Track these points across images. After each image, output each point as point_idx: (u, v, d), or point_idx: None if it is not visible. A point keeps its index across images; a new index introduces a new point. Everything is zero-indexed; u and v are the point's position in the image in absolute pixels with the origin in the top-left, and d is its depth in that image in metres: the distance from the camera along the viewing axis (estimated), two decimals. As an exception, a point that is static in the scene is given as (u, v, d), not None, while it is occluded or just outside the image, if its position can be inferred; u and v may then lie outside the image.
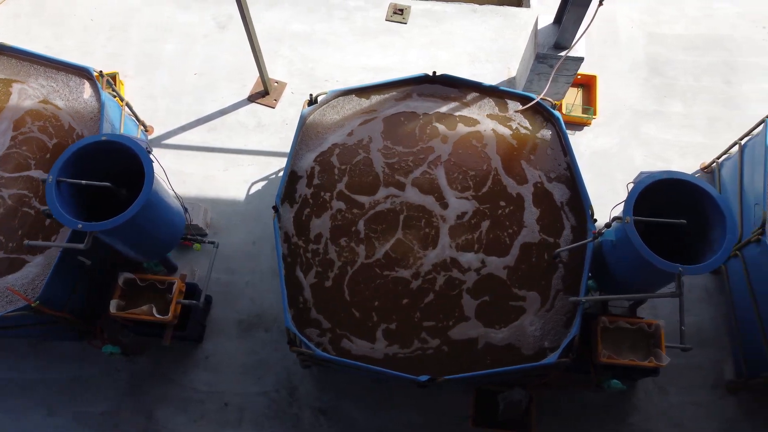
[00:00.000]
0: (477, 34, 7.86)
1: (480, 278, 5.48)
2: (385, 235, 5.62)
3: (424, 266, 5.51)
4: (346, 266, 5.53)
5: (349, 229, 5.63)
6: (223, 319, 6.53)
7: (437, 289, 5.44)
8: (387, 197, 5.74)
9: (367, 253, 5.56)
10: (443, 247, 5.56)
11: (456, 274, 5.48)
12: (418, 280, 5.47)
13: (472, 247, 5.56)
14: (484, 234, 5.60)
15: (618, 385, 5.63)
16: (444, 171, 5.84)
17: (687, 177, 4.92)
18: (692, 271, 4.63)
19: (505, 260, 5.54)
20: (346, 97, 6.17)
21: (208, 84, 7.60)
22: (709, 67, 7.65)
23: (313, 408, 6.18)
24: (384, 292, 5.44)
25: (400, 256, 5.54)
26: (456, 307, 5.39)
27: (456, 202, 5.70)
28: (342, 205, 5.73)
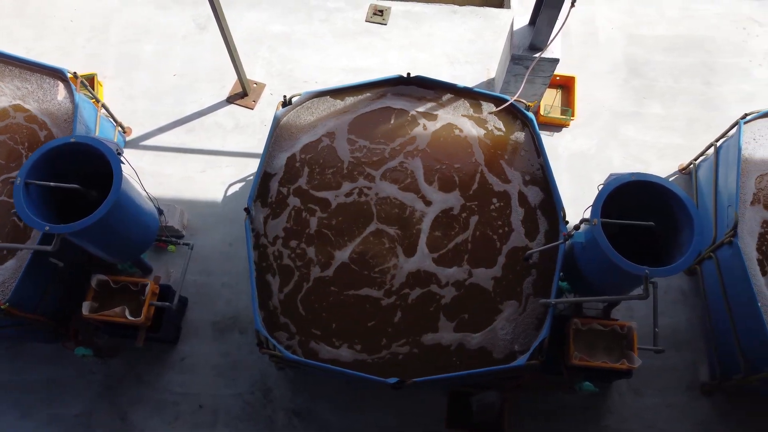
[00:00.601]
0: (457, 36, 7.85)
1: (455, 282, 5.47)
2: (359, 236, 5.61)
3: (399, 268, 5.50)
4: (319, 267, 5.52)
5: (323, 231, 5.61)
6: (199, 321, 6.52)
7: (412, 292, 5.43)
8: (362, 198, 5.73)
9: (341, 254, 5.55)
10: (420, 250, 5.55)
11: (431, 280, 5.47)
12: (393, 283, 5.45)
13: (446, 248, 5.55)
14: (457, 235, 5.59)
15: (590, 387, 5.63)
16: (419, 172, 5.82)
17: (655, 179, 4.91)
18: (658, 273, 4.61)
19: (480, 262, 5.53)
20: (321, 99, 6.16)
21: (187, 85, 7.59)
22: (689, 69, 7.64)
23: (287, 410, 6.17)
24: (357, 294, 5.42)
25: (374, 258, 5.53)
26: (428, 312, 5.37)
27: (430, 203, 5.68)
28: (316, 207, 5.72)
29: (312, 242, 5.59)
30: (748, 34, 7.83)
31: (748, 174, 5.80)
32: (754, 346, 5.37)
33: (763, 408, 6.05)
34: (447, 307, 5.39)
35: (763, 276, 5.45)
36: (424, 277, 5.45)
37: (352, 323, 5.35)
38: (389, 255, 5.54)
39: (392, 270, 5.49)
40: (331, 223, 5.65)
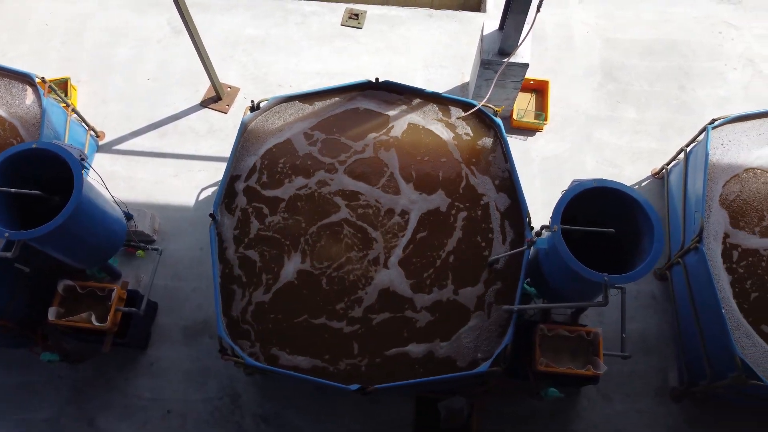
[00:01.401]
0: (432, 39, 7.84)
1: (419, 288, 5.46)
2: (326, 241, 5.59)
3: (366, 274, 5.48)
4: (285, 273, 5.50)
5: (289, 237, 5.60)
6: (169, 326, 6.51)
7: (379, 299, 5.42)
8: (329, 203, 5.71)
9: (308, 261, 5.53)
10: (383, 253, 5.54)
11: (394, 285, 5.46)
12: (361, 292, 5.44)
13: (409, 248, 5.54)
14: (421, 239, 5.57)
15: (555, 393, 5.61)
16: (388, 175, 5.81)
17: (617, 185, 4.90)
18: (617, 280, 4.60)
19: (445, 268, 5.52)
20: (290, 104, 6.15)
21: (161, 89, 7.58)
22: (664, 72, 7.63)
23: (255, 415, 6.16)
24: (322, 300, 5.41)
25: (342, 264, 5.52)
26: (394, 319, 5.36)
27: (396, 204, 5.67)
28: (283, 212, 5.71)
29: (278, 247, 5.57)
30: (724, 38, 7.82)
31: (715, 179, 5.79)
32: (719, 352, 5.36)
33: (730, 414, 6.03)
34: (412, 312, 5.37)
35: (728, 282, 5.43)
36: (389, 284, 5.44)
37: (317, 330, 5.33)
38: (357, 260, 5.52)
39: (359, 275, 5.47)
40: (298, 228, 5.63)
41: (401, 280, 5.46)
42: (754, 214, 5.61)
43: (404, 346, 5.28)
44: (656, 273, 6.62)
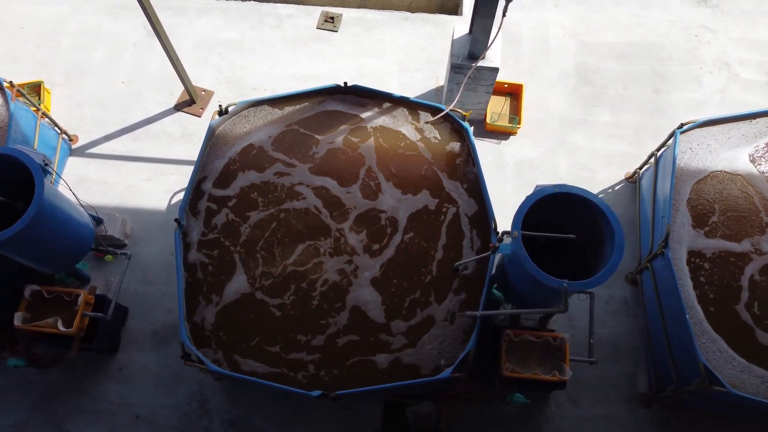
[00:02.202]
0: (407, 42, 7.83)
1: (383, 292, 5.45)
2: (292, 247, 5.58)
3: (332, 279, 5.47)
4: (250, 279, 5.49)
5: (256, 242, 5.58)
6: (139, 331, 6.50)
7: (344, 304, 5.40)
8: (295, 207, 5.70)
9: (273, 265, 5.52)
10: (350, 258, 5.52)
11: (362, 290, 5.44)
12: (326, 297, 5.42)
13: (377, 254, 5.52)
14: (390, 242, 5.56)
15: (521, 399, 5.60)
16: (355, 177, 5.79)
17: (578, 191, 4.88)
18: (576, 287, 4.59)
19: (410, 273, 5.50)
20: (259, 108, 6.13)
21: (135, 92, 7.56)
22: (639, 76, 7.62)
23: (223, 420, 6.14)
24: (288, 306, 5.40)
25: (308, 270, 5.50)
26: (360, 324, 5.34)
27: (363, 207, 5.65)
28: (250, 218, 5.69)
29: (246, 252, 5.56)
30: (700, 42, 7.80)
31: (683, 183, 5.78)
32: (684, 358, 5.35)
33: (699, 420, 6.02)
34: (377, 317, 5.36)
35: (693, 287, 5.42)
36: (356, 292, 5.42)
37: (281, 336, 5.32)
38: (324, 265, 5.50)
39: (326, 280, 5.46)
40: (266, 232, 5.62)
41: (368, 284, 5.44)
42: (720, 218, 5.59)
43: (368, 351, 5.27)
44: (628, 278, 6.61)
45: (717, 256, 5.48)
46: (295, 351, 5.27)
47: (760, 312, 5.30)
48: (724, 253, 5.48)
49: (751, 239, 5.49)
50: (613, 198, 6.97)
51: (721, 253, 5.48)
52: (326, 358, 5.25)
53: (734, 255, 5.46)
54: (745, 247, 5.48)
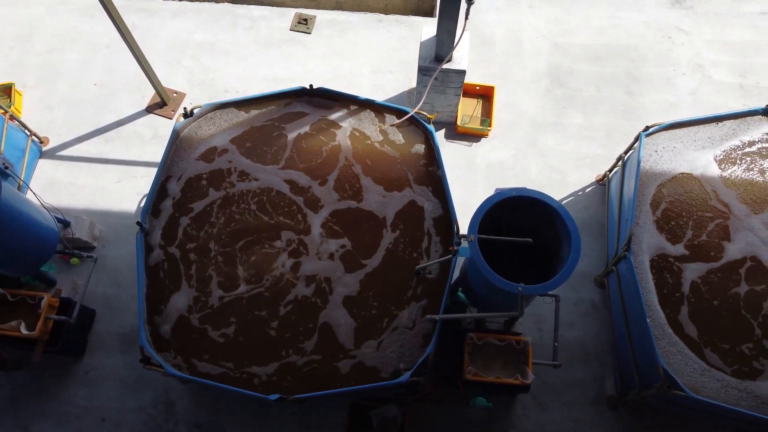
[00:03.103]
0: (381, 44, 7.81)
1: (347, 298, 5.43)
2: (255, 250, 5.55)
3: (292, 283, 5.45)
4: (212, 284, 5.47)
5: (217, 246, 5.56)
6: (107, 333, 6.49)
7: (303, 308, 5.39)
8: (259, 207, 5.68)
9: (237, 270, 5.50)
10: (311, 261, 5.50)
11: (322, 293, 5.42)
12: (287, 299, 5.40)
13: (338, 257, 5.51)
14: (350, 247, 5.54)
15: (483, 403, 5.59)
16: (319, 180, 5.77)
17: (535, 194, 4.88)
18: (531, 291, 4.58)
19: (373, 276, 5.49)
20: (225, 110, 6.12)
21: (107, 94, 7.55)
22: (612, 78, 7.60)
23: (189, 423, 6.13)
24: (249, 309, 5.38)
25: (269, 273, 5.48)
26: (320, 330, 5.32)
27: (323, 208, 5.63)
28: (213, 221, 5.67)
29: (207, 256, 5.54)
30: (674, 43, 7.79)
31: (648, 186, 5.76)
32: (646, 361, 5.33)
33: (665, 423, 6.01)
34: (338, 319, 5.34)
35: (655, 290, 5.40)
36: (317, 291, 5.41)
37: (242, 339, 5.30)
38: (285, 269, 5.48)
39: (288, 282, 5.44)
40: (228, 236, 5.60)
41: (333, 287, 5.42)
42: (682, 221, 5.58)
43: (329, 355, 5.25)
44: (596, 280, 6.60)
45: (679, 259, 5.46)
46: (256, 355, 5.26)
47: (722, 315, 5.28)
48: (686, 256, 5.46)
49: (712, 242, 5.48)
50: (584, 200, 6.96)
51: (683, 256, 5.47)
52: (287, 362, 5.23)
53: (696, 258, 5.44)
54: (707, 250, 5.46)
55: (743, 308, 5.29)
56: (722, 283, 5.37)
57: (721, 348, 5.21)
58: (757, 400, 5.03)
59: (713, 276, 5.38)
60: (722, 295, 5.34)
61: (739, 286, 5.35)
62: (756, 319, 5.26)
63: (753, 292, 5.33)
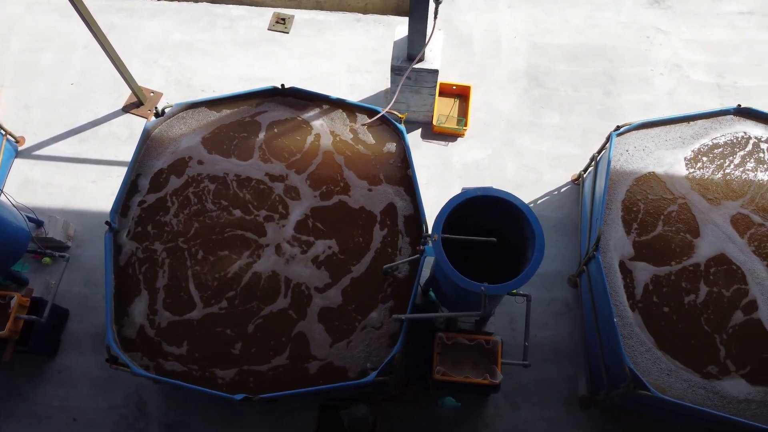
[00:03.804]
0: (359, 44, 7.81)
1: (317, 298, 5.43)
2: (224, 250, 5.54)
3: (263, 283, 5.44)
4: (179, 283, 5.46)
5: (187, 245, 5.56)
6: (80, 333, 6.48)
7: (274, 311, 5.38)
8: (229, 206, 5.67)
9: (205, 270, 5.49)
10: (281, 260, 5.49)
11: (296, 295, 5.41)
12: (256, 301, 5.40)
13: (312, 261, 5.50)
14: (321, 245, 5.53)
15: (452, 402, 5.59)
16: (292, 179, 5.77)
17: (500, 194, 4.87)
18: (494, 290, 4.56)
19: (343, 275, 5.48)
20: (196, 110, 6.11)
21: (84, 94, 7.55)
22: (589, 78, 7.60)
23: (161, 423, 6.13)
24: (217, 309, 5.37)
25: (238, 273, 5.47)
26: (289, 330, 5.32)
27: (297, 209, 5.62)
28: (183, 220, 5.66)
29: (176, 256, 5.53)
30: (652, 43, 7.78)
31: (618, 186, 5.75)
32: (614, 360, 5.32)
33: (636, 422, 6.00)
34: (307, 320, 5.34)
35: (624, 290, 5.40)
36: (287, 291, 5.40)
37: (210, 339, 5.29)
38: (255, 268, 5.47)
39: (257, 282, 5.43)
40: (197, 236, 5.59)
41: (303, 286, 5.41)
42: (652, 220, 5.57)
43: (297, 354, 5.24)
44: (570, 280, 6.59)
45: (648, 258, 5.45)
46: (223, 355, 5.25)
47: (690, 315, 5.28)
48: (655, 255, 5.45)
49: (680, 242, 5.47)
50: (559, 200, 6.96)
51: (652, 255, 5.46)
52: (254, 362, 5.22)
53: (664, 258, 5.44)
54: (676, 248, 5.46)
55: (711, 307, 5.29)
56: (691, 282, 5.36)
57: (689, 347, 5.20)
58: (723, 400, 5.03)
59: (682, 275, 5.37)
60: (691, 294, 5.33)
61: (707, 284, 5.34)
62: (724, 318, 5.25)
63: (720, 290, 5.33)
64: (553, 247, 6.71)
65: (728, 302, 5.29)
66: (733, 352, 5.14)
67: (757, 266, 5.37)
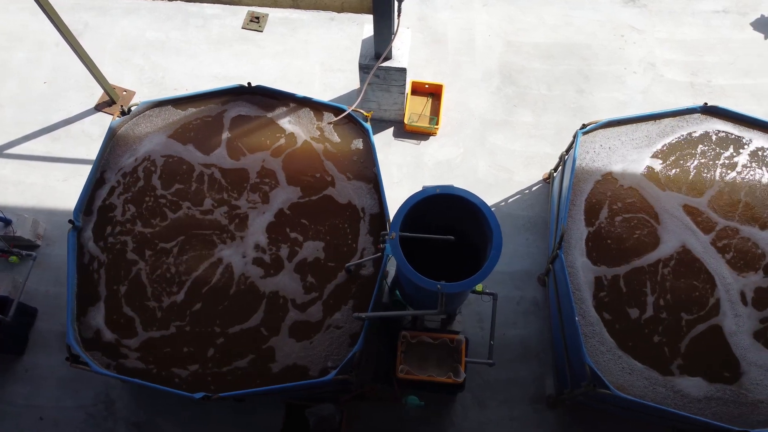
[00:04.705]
0: (332, 43, 7.79)
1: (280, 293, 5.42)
2: (189, 250, 5.53)
3: (227, 279, 5.43)
4: (143, 282, 5.44)
5: (150, 243, 5.54)
6: (49, 332, 6.47)
7: (239, 306, 5.37)
8: (193, 204, 5.66)
9: (170, 269, 5.47)
10: (248, 260, 5.48)
11: (252, 290, 5.40)
12: (220, 298, 5.38)
13: (275, 260, 5.48)
14: (288, 246, 5.52)
15: (415, 401, 5.58)
16: (257, 178, 5.75)
17: (459, 192, 4.84)
18: (450, 288, 4.54)
19: (307, 273, 5.47)
20: (162, 108, 6.09)
21: (56, 93, 7.53)
22: (563, 76, 7.58)
23: (128, 422, 6.12)
24: (180, 308, 5.36)
25: (203, 273, 5.45)
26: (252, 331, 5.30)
27: (266, 209, 5.61)
28: (147, 219, 5.64)
29: (142, 254, 5.51)
30: (626, 42, 7.77)
31: (584, 185, 5.73)
32: (577, 359, 5.31)
33: (601, 421, 5.99)
34: (270, 320, 5.33)
35: (589, 289, 5.38)
36: (251, 290, 5.39)
37: (172, 337, 5.28)
38: (219, 268, 5.46)
39: (222, 284, 5.42)
40: (160, 235, 5.57)
41: (266, 285, 5.40)
42: (616, 219, 5.55)
43: (259, 353, 5.23)
44: (539, 279, 6.58)
45: (610, 257, 5.44)
46: (186, 354, 5.23)
47: (651, 314, 5.27)
48: (617, 254, 5.44)
49: (643, 240, 5.46)
50: (530, 199, 6.94)
51: (614, 254, 5.45)
52: (216, 361, 5.21)
53: (627, 256, 5.42)
54: (638, 249, 5.44)
55: (673, 305, 5.27)
56: (653, 280, 5.35)
57: (651, 346, 5.18)
58: (684, 399, 5.01)
59: (644, 273, 5.36)
60: (653, 292, 5.31)
61: (669, 282, 5.33)
62: (686, 316, 5.24)
63: (682, 288, 5.31)
64: (524, 246, 6.71)
65: (689, 300, 5.28)
66: (693, 351, 5.13)
67: (719, 265, 5.36)
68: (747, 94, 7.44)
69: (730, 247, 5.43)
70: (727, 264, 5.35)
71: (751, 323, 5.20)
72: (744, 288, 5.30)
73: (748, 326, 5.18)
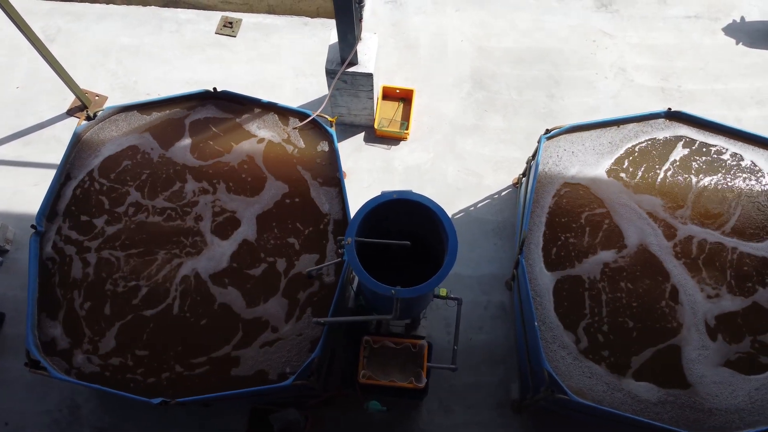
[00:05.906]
0: (305, 48, 7.82)
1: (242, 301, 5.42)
2: (149, 250, 5.53)
3: (188, 287, 5.44)
4: (106, 287, 5.45)
5: (113, 246, 5.54)
6: (16, 337, 6.46)
7: (198, 314, 5.37)
8: (156, 209, 5.67)
9: (132, 271, 5.48)
10: (207, 262, 5.48)
11: (207, 296, 5.41)
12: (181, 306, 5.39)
13: (237, 264, 5.49)
14: (248, 245, 5.53)
15: (376, 406, 5.57)
16: (222, 183, 5.76)
17: (415, 197, 4.85)
18: (404, 293, 4.56)
19: (269, 278, 5.48)
20: (128, 113, 6.11)
21: (29, 98, 7.55)
22: (534, 81, 7.61)
23: (94, 427, 6.11)
24: (140, 311, 5.36)
25: (163, 276, 5.46)
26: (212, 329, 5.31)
27: (234, 212, 5.61)
28: (110, 224, 5.65)
29: (101, 259, 5.52)
30: (597, 47, 7.80)
31: (547, 190, 5.75)
32: (537, 364, 5.32)
33: (566, 426, 5.99)
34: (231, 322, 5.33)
35: (551, 294, 5.39)
36: (211, 296, 5.40)
37: (132, 342, 5.28)
38: (176, 268, 5.46)
39: (181, 286, 5.42)
40: (124, 240, 5.58)
41: (227, 290, 5.41)
42: (578, 224, 5.57)
43: (219, 358, 5.23)
44: (507, 284, 6.59)
45: (571, 261, 5.45)
46: (146, 358, 5.24)
47: (611, 319, 5.28)
48: (578, 259, 5.46)
49: (604, 246, 5.47)
50: (499, 204, 6.96)
51: (575, 259, 5.46)
52: (177, 367, 5.21)
53: (588, 261, 5.43)
54: (599, 254, 5.46)
55: (635, 307, 5.28)
56: (613, 284, 5.36)
57: (610, 350, 5.19)
58: (640, 404, 5.02)
59: (604, 277, 5.37)
60: (613, 296, 5.33)
61: (629, 286, 5.34)
62: (645, 318, 5.25)
63: (642, 293, 5.33)
64: (492, 251, 6.72)
65: (649, 304, 5.29)
66: (648, 354, 5.14)
67: (678, 268, 5.38)
68: (717, 99, 7.48)
69: (690, 251, 5.45)
70: (685, 267, 5.37)
71: (709, 319, 5.22)
72: (704, 288, 5.33)
73: (703, 324, 5.20)
